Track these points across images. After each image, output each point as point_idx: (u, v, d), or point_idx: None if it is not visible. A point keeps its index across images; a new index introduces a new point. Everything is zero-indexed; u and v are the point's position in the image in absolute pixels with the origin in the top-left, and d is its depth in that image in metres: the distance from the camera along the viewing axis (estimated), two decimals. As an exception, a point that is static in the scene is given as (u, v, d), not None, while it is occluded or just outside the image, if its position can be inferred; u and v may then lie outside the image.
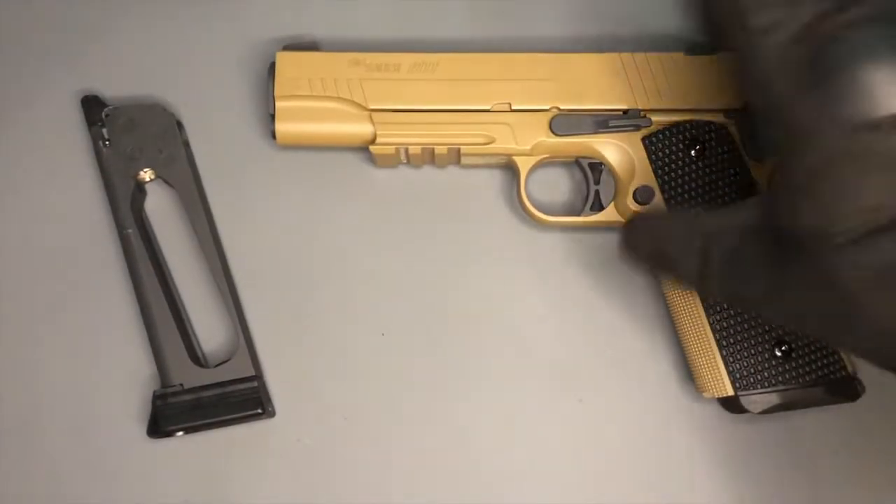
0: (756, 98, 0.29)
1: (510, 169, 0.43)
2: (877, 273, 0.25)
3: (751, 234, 0.30)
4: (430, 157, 0.41)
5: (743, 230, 0.30)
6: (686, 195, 0.39)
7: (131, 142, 0.42)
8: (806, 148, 0.26)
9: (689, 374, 0.40)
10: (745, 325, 0.37)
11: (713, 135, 0.39)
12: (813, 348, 0.37)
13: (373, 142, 0.40)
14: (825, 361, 0.37)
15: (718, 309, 0.37)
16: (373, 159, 0.42)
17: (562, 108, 0.40)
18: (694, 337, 0.38)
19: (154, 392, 0.40)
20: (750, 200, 0.31)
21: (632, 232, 0.37)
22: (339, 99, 0.40)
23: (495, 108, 0.40)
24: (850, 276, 0.25)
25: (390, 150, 0.40)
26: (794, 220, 0.27)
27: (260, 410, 0.39)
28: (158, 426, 0.39)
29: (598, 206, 0.41)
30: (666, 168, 0.39)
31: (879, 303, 0.25)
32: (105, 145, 0.42)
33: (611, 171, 0.41)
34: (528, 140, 0.40)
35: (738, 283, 0.31)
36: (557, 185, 0.43)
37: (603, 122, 0.40)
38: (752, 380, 0.37)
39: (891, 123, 0.24)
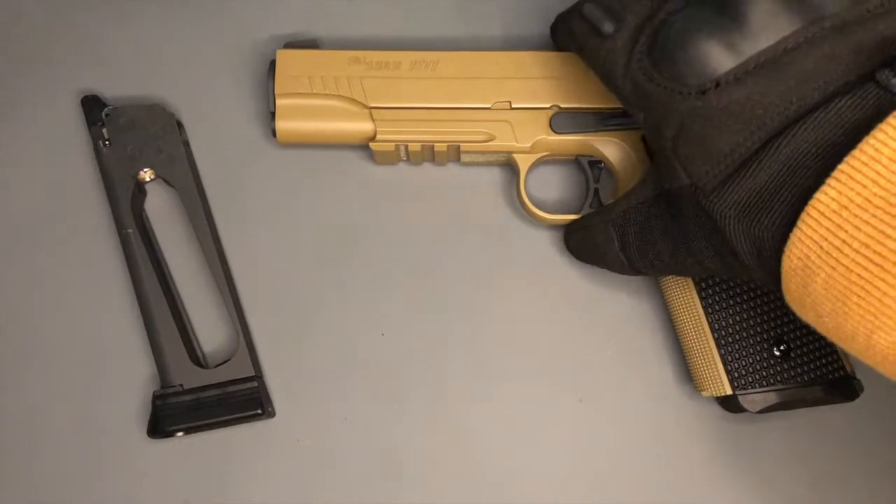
0: (620, 94, 0.34)
1: (510, 167, 0.43)
2: (737, 208, 0.29)
3: (649, 207, 0.35)
4: (429, 154, 0.41)
5: (642, 205, 0.35)
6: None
7: (131, 142, 0.42)
8: (666, 120, 0.31)
9: (687, 373, 0.40)
10: (744, 325, 0.37)
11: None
12: (811, 347, 0.37)
13: (373, 139, 0.40)
14: (823, 361, 0.37)
15: (717, 308, 0.37)
16: (373, 156, 0.42)
17: (562, 106, 0.40)
18: (693, 336, 0.38)
19: (154, 392, 0.40)
20: (646, 179, 0.36)
21: (567, 238, 0.41)
22: (339, 97, 0.40)
23: (495, 106, 0.40)
24: (721, 214, 0.30)
25: (390, 147, 0.40)
26: (671, 182, 0.32)
27: (260, 410, 0.39)
28: (158, 426, 0.39)
29: (598, 205, 0.41)
30: (665, 167, 0.39)
31: (741, 232, 0.29)
32: (105, 145, 0.42)
33: (610, 169, 0.41)
34: (528, 138, 0.40)
35: (653, 251, 0.35)
36: (557, 183, 0.43)
37: (603, 121, 0.40)
38: (750, 379, 0.37)
39: (727, 79, 0.29)
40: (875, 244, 0.24)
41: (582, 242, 0.39)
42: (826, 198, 0.25)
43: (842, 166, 0.25)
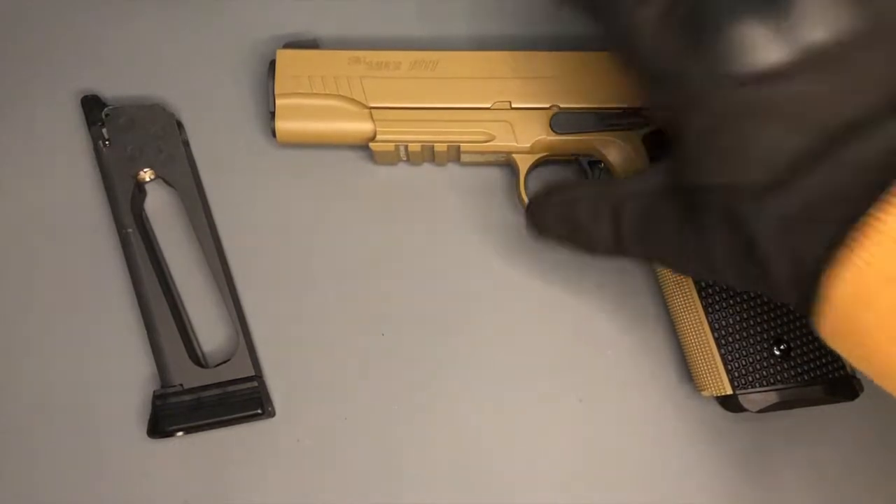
0: (643, 70, 0.30)
1: (510, 167, 0.43)
2: (781, 220, 0.26)
3: (657, 199, 0.31)
4: (429, 154, 0.41)
5: (648, 196, 0.31)
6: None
7: (131, 142, 0.42)
8: (697, 108, 0.27)
9: (687, 373, 0.40)
10: (744, 324, 0.37)
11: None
12: (812, 347, 0.37)
13: (373, 139, 0.40)
14: (824, 360, 0.37)
15: (717, 308, 0.37)
16: (373, 157, 0.42)
17: (562, 106, 0.40)
18: (693, 336, 0.38)
19: (154, 392, 0.40)
20: (658, 165, 0.32)
21: (539, 207, 0.36)
22: (339, 97, 0.40)
23: (495, 106, 0.40)
24: (758, 226, 0.26)
25: (390, 147, 0.40)
26: (699, 177, 0.28)
27: (260, 410, 0.39)
28: (158, 426, 0.39)
29: (598, 205, 0.41)
30: (665, 167, 0.39)
31: (780, 248, 0.26)
32: (105, 145, 0.42)
33: (610, 169, 0.41)
34: (527, 138, 0.40)
35: (651, 241, 0.32)
36: (557, 184, 0.43)
37: (603, 121, 0.40)
38: (750, 378, 0.37)
39: (773, 74, 0.25)
40: None
41: (561, 216, 0.35)
42: (893, 219, 0.22)
43: None
